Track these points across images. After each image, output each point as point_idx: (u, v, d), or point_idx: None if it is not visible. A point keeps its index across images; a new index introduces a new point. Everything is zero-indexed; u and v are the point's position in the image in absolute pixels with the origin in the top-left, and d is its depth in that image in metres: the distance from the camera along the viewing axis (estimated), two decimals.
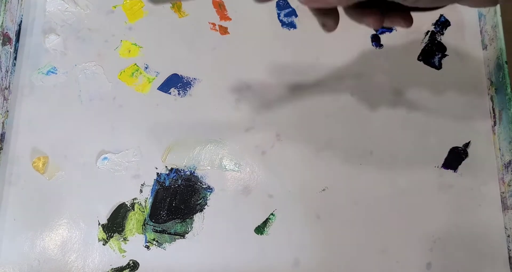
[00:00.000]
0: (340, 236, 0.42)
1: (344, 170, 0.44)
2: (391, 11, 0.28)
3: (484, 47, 0.47)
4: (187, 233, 0.42)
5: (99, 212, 0.43)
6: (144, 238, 0.42)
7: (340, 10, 0.28)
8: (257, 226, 0.43)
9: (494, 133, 0.44)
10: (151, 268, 0.42)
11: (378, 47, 0.48)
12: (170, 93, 0.46)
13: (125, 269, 0.42)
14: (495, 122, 0.44)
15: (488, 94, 0.46)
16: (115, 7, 0.49)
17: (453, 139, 0.45)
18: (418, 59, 0.47)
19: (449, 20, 0.48)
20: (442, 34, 0.48)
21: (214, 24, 0.49)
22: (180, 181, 0.44)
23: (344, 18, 0.28)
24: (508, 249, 0.42)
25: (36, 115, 0.46)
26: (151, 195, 0.43)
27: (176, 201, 0.43)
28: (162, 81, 0.47)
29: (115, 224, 0.43)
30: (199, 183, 0.44)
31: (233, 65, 0.47)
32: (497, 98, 0.44)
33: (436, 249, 0.42)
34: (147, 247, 0.42)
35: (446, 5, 0.27)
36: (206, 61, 0.47)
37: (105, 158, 0.44)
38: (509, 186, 0.41)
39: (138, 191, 0.44)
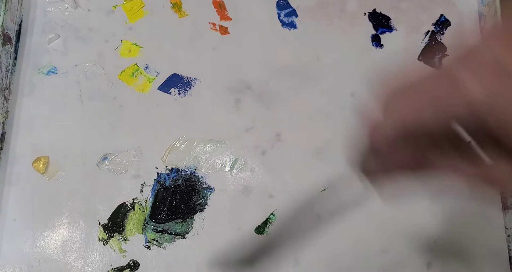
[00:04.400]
0: (340, 236, 0.42)
1: (344, 170, 0.44)
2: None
3: None
4: (188, 233, 0.42)
5: (99, 212, 0.43)
6: (145, 238, 0.42)
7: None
8: (257, 226, 0.43)
9: None
10: (151, 268, 0.42)
11: (378, 47, 0.48)
12: (170, 93, 0.46)
13: (125, 269, 0.42)
14: None
15: None
16: (115, 7, 0.49)
17: None
18: (418, 59, 0.47)
19: (449, 20, 0.49)
20: (442, 34, 0.48)
21: (214, 24, 0.49)
22: (180, 181, 0.44)
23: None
24: (508, 249, 0.42)
25: (36, 115, 0.46)
26: (152, 195, 0.43)
27: (177, 201, 0.43)
28: (163, 81, 0.47)
29: (115, 224, 0.43)
30: (199, 183, 0.44)
31: (233, 65, 0.47)
32: None
33: (436, 249, 0.42)
34: (148, 247, 0.42)
35: None
36: (206, 61, 0.47)
37: (106, 158, 0.44)
38: None
39: (139, 191, 0.44)
